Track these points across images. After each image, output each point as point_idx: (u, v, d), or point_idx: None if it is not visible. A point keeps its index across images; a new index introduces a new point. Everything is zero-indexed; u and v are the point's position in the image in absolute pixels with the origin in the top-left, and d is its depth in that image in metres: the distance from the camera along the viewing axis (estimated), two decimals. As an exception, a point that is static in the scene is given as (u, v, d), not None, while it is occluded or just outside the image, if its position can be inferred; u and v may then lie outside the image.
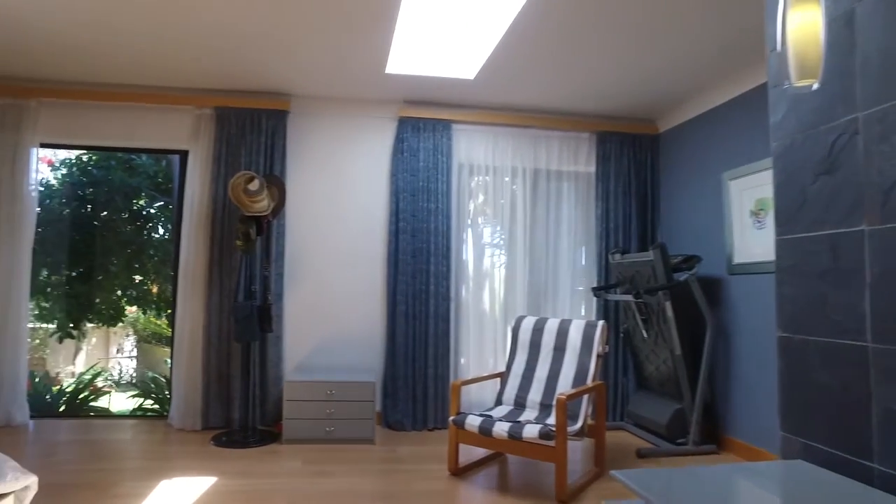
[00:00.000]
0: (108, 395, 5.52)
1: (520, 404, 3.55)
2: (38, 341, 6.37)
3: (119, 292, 5.90)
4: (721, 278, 3.96)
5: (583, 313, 4.93)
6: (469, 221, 4.69)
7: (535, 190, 4.79)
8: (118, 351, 8.59)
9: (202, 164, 4.31)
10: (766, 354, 3.55)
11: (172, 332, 4.28)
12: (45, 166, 5.85)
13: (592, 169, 4.83)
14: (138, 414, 5.07)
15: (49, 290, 5.82)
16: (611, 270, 4.56)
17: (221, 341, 4.17)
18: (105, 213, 5.98)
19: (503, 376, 3.75)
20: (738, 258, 3.80)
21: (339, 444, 3.84)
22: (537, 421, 3.27)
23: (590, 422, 3.33)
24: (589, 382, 3.36)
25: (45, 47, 3.69)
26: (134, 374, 7.07)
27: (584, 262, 4.95)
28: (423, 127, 4.53)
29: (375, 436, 3.94)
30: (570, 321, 3.64)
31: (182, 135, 4.39)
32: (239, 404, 4.08)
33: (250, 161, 4.30)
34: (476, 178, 4.74)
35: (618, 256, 4.39)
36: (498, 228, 4.68)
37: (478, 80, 4.10)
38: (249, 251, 3.94)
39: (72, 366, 8.44)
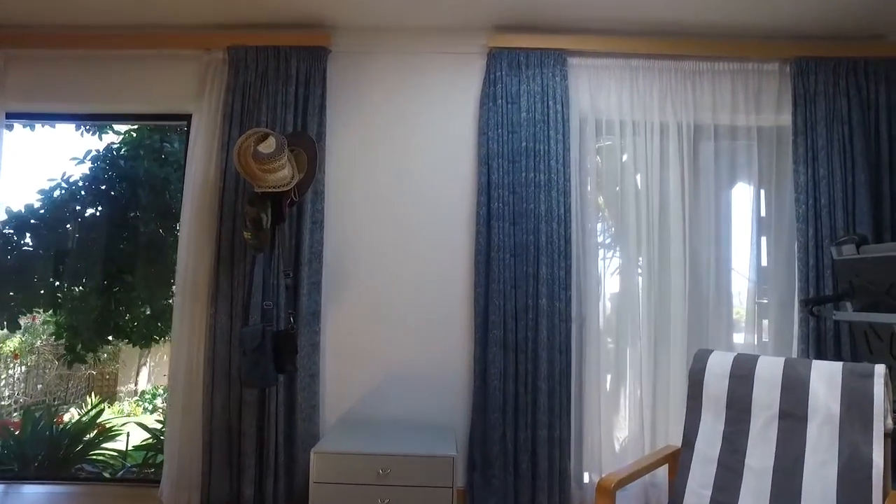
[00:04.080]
0: (124, 435, 4.36)
1: (719, 517, 1.92)
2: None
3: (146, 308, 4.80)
4: None
5: (764, 338, 3.20)
6: (596, 200, 3.12)
7: (696, 155, 3.15)
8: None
9: (208, 128, 3.04)
10: None
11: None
12: (69, 162, 4.93)
13: (787, 118, 3.11)
14: (132, 476, 3.86)
15: (70, 305, 4.83)
16: (835, 273, 2.82)
17: (232, 382, 2.83)
18: (132, 213, 4.94)
19: (678, 458, 2.13)
20: None
21: (398, 557, 2.37)
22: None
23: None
24: (877, 492, 1.68)
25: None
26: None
27: (765, 262, 3.24)
28: (526, 61, 3.02)
29: (457, 541, 2.44)
30: (806, 363, 1.97)
31: (185, 91, 3.14)
32: (253, 475, 2.72)
33: (274, 119, 2.98)
34: (604, 138, 3.16)
35: (849, 249, 2.64)
36: (643, 210, 3.06)
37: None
38: (262, 246, 2.59)
39: (133, 385, 7.59)
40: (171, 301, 4.78)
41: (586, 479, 2.95)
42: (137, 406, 6.93)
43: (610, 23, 3.03)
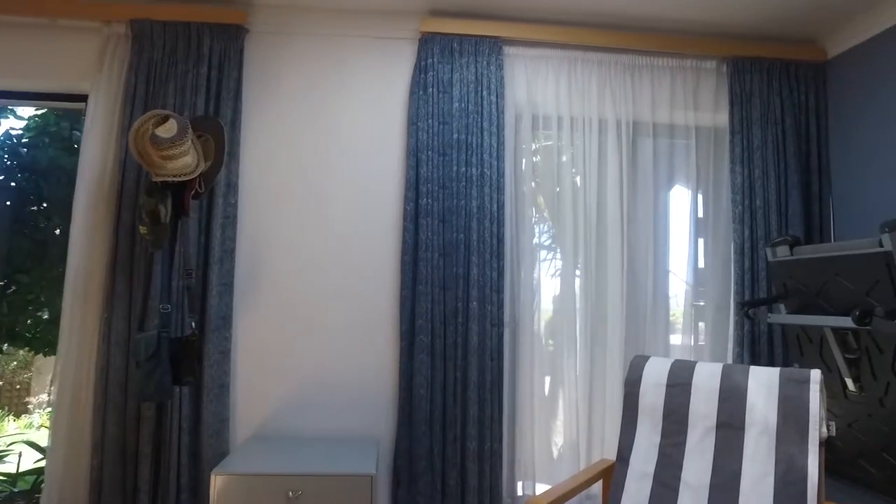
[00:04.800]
0: (15, 455, 3.91)
1: (653, 537, 1.79)
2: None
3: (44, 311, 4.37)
4: None
5: (700, 341, 3.13)
6: (535, 200, 2.98)
7: (634, 153, 3.06)
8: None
9: (106, 110, 2.71)
10: None
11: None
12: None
13: (723, 117, 3.06)
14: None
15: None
16: (769, 274, 2.78)
17: (128, 396, 2.52)
18: (34, 206, 4.49)
19: (612, 473, 1.99)
20: None
21: (310, 587, 2.14)
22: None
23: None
24: (812, 502, 1.59)
25: None
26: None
27: (702, 264, 3.18)
28: (460, 48, 2.85)
29: (377, 567, 2.23)
30: (744, 370, 1.87)
31: (81, 67, 2.80)
32: (148, 501, 2.43)
33: (183, 103, 2.68)
34: (542, 134, 3.03)
35: (783, 250, 2.60)
36: (580, 211, 2.94)
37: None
38: (160, 243, 2.30)
39: (47, 395, 6.97)
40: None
41: (520, 490, 2.79)
42: (49, 418, 6.37)
43: (548, 12, 2.90)
